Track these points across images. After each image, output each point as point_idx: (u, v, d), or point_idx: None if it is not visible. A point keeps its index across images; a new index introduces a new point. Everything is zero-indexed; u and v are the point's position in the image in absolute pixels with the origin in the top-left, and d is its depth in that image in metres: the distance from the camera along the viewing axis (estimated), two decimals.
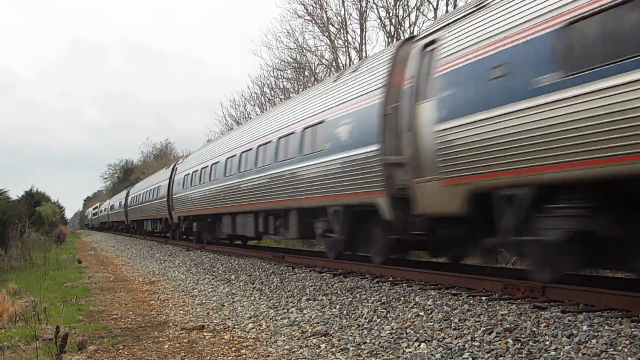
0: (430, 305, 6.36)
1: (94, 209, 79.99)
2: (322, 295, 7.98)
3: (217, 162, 17.84)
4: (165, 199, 25.17)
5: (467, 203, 7.12)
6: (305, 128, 11.88)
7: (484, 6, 7.44)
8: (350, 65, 20.38)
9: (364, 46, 23.42)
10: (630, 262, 6.06)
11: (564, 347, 4.47)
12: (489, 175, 6.65)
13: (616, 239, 5.85)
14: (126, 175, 77.56)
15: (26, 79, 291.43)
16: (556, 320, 5.15)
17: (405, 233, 8.74)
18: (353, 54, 23.87)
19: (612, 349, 4.28)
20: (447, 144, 7.33)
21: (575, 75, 5.69)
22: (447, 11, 18.07)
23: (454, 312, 5.94)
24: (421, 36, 8.83)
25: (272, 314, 7.14)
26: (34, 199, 39.49)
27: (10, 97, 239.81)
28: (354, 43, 24.12)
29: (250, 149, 14.89)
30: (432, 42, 8.19)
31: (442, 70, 7.62)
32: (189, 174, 21.63)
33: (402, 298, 7.00)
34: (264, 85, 31.39)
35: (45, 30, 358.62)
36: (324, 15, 24.63)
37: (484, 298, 6.46)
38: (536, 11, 6.25)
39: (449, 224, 7.93)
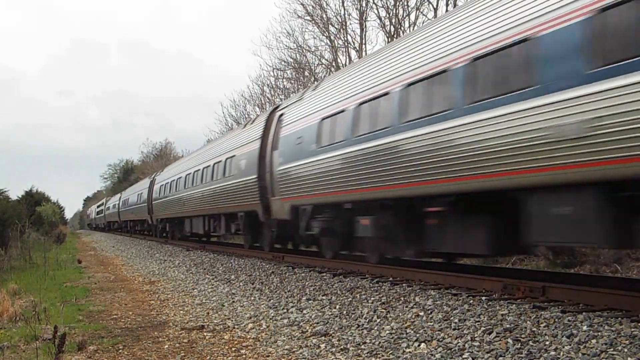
0: (430, 305, 6.36)
1: (98, 206, 70.61)
2: (322, 295, 7.98)
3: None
4: (254, 176, 14.25)
5: None
6: None
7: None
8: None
9: (364, 46, 23.43)
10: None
11: (564, 347, 4.47)
12: None
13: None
14: (126, 175, 77.41)
15: (27, 77, 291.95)
16: (556, 320, 5.15)
17: None
18: (353, 53, 23.89)
19: (612, 349, 4.28)
20: None
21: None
22: (447, 10, 18.07)
23: (454, 312, 5.94)
24: None
25: (272, 314, 7.14)
26: (34, 199, 39.49)
27: (10, 96, 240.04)
28: (353, 43, 24.14)
29: None
30: None
31: None
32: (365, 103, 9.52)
33: (402, 298, 7.00)
34: (264, 85, 31.42)
35: (46, 29, 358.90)
36: (324, 16, 24.64)
37: (484, 298, 6.46)
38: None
39: None
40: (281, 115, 13.41)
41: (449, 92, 7.41)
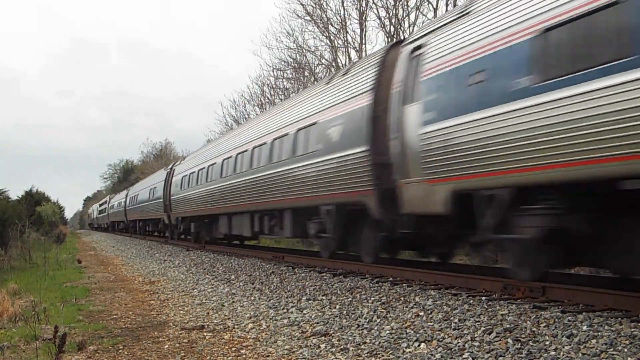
0: (430, 305, 6.36)
1: (100, 204, 65.22)
2: (322, 295, 7.98)
3: None
4: (362, 149, 9.68)
5: None
6: None
7: (466, 13, 7.49)
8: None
9: (363, 46, 23.44)
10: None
11: (564, 347, 4.47)
12: None
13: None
14: (126, 175, 77.48)
15: (27, 77, 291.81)
16: (556, 320, 5.15)
17: None
18: (353, 53, 23.89)
19: (612, 349, 4.28)
20: None
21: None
22: (446, 10, 18.08)
23: (454, 312, 5.94)
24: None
25: (272, 314, 7.14)
26: (34, 199, 39.50)
27: (10, 96, 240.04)
28: (353, 43, 24.14)
29: None
30: None
31: None
32: None
33: (402, 298, 7.00)
34: (264, 85, 31.43)
35: (46, 29, 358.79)
36: (324, 16, 24.65)
37: (484, 298, 6.46)
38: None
39: None
40: (418, 48, 8.60)
41: None
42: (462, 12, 7.96)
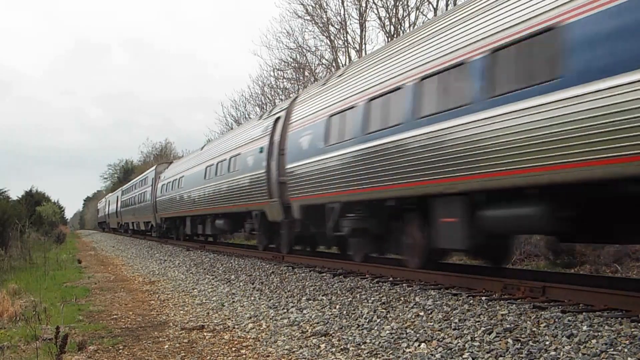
0: (430, 305, 6.36)
1: (125, 191, 42.51)
2: (322, 295, 7.98)
3: None
4: None
5: None
6: None
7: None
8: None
9: (364, 46, 23.44)
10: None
11: (564, 347, 4.47)
12: None
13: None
14: (126, 175, 77.39)
15: (29, 78, 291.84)
16: (556, 320, 5.15)
17: None
18: (353, 53, 23.89)
19: (612, 349, 4.28)
20: None
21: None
22: (446, 9, 18.05)
23: (454, 312, 5.94)
24: None
25: (272, 314, 7.14)
26: (34, 199, 39.56)
27: (11, 96, 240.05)
28: (353, 43, 24.15)
29: None
30: None
31: None
32: None
33: (402, 298, 7.00)
34: (265, 85, 31.43)
35: (50, 30, 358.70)
36: (324, 16, 24.66)
37: (484, 298, 6.46)
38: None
39: None
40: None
41: None
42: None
